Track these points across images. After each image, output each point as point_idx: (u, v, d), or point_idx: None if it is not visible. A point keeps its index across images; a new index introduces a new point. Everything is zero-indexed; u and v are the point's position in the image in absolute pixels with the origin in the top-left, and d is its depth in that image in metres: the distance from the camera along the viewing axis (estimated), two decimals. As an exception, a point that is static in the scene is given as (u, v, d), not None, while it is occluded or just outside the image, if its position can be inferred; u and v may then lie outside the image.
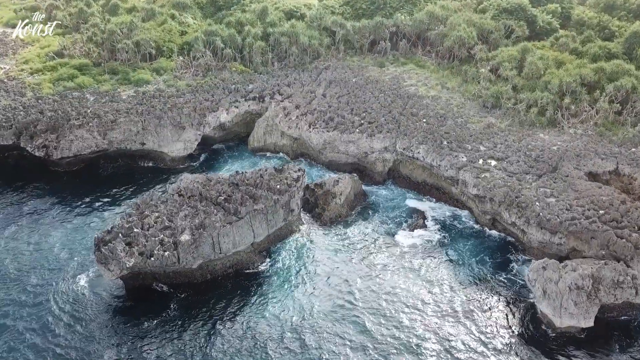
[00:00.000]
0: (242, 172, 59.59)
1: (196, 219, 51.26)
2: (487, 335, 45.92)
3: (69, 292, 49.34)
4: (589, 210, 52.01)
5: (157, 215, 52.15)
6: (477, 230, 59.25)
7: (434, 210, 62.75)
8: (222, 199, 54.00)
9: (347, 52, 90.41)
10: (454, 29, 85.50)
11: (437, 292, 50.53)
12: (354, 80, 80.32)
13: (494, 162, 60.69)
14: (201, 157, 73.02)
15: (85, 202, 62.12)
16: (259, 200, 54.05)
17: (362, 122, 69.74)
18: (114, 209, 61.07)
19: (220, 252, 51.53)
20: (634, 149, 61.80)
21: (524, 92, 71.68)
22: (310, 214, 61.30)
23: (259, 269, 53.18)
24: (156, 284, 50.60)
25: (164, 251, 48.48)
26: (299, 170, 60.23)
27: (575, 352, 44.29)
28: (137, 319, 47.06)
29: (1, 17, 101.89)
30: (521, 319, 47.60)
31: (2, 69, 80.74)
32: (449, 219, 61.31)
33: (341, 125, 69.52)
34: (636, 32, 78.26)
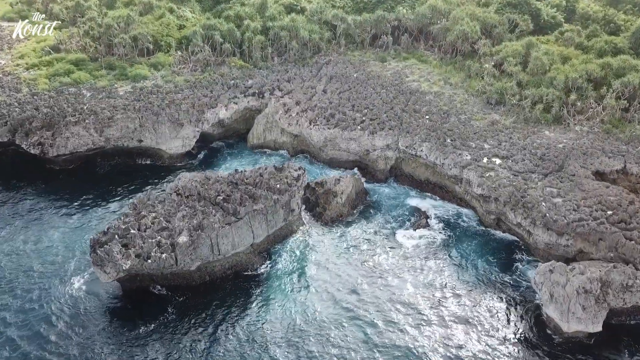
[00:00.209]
0: (242, 171, 58.32)
1: (194, 219, 50.11)
2: (492, 340, 44.85)
3: (63, 295, 48.15)
4: (596, 211, 50.74)
5: (154, 215, 51.00)
6: (481, 230, 58.06)
7: (437, 209, 61.58)
8: (221, 198, 52.80)
9: (348, 47, 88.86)
10: (456, 23, 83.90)
11: (441, 295, 49.43)
12: (355, 75, 78.88)
13: (498, 161, 59.37)
14: (200, 155, 71.64)
15: (81, 201, 60.86)
16: (259, 200, 52.86)
17: (364, 118, 68.42)
18: (111, 208, 59.84)
19: (219, 254, 50.37)
20: (641, 147, 60.48)
21: (528, 88, 70.20)
22: (310, 213, 60.13)
23: (258, 270, 52.03)
24: (153, 287, 49.48)
25: (161, 253, 47.36)
26: (300, 168, 59.01)
27: (582, 358, 43.20)
28: (134, 323, 45.96)
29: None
30: (527, 323, 46.49)
31: (-3, 64, 79.39)
32: (453, 217, 60.16)
33: (342, 122, 68.18)
34: (643, 26, 76.74)
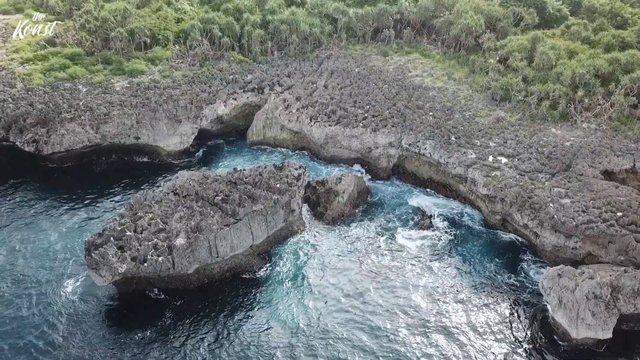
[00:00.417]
0: (241, 170, 56.84)
1: (192, 221, 48.71)
2: (498, 345, 43.58)
3: (57, 299, 46.72)
4: (606, 212, 49.29)
5: (151, 216, 49.56)
6: (486, 230, 56.67)
7: (440, 208, 60.15)
8: (220, 199, 51.38)
9: (350, 41, 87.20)
10: (460, 16, 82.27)
11: (445, 299, 48.11)
12: (356, 70, 77.25)
13: (504, 160, 57.88)
14: (198, 152, 70.02)
15: (77, 200, 59.36)
16: (258, 200, 51.46)
17: (366, 115, 66.85)
18: (107, 207, 58.37)
19: (217, 256, 49.00)
20: (650, 145, 58.96)
21: (534, 84, 68.62)
22: (311, 213, 58.73)
23: (258, 273, 50.60)
24: (150, 290, 48.12)
25: (158, 256, 46.01)
26: (300, 167, 57.59)
27: (592, 365, 42.12)
28: (130, 327, 44.60)
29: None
30: (534, 328, 45.20)
31: (-10, 58, 77.68)
32: (457, 217, 58.77)
33: (344, 118, 66.62)
34: (651, 20, 75.22)
